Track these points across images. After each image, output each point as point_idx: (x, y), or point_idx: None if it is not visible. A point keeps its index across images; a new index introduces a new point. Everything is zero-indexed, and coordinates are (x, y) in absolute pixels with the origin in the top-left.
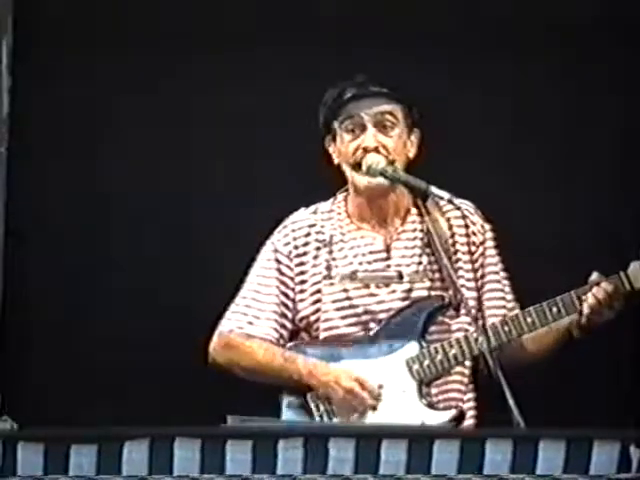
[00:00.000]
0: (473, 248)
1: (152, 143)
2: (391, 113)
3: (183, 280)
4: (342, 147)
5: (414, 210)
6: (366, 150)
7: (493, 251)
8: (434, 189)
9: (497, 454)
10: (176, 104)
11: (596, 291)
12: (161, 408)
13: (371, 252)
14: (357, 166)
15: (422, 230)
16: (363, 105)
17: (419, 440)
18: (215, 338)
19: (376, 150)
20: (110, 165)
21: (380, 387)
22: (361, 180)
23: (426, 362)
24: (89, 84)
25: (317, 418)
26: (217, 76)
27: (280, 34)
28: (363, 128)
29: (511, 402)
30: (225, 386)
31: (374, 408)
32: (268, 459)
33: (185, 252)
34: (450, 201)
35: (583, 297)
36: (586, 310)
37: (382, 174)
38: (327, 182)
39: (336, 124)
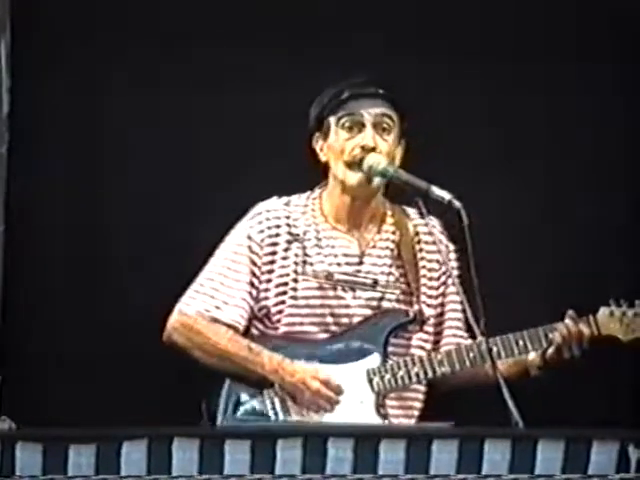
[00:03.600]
0: (437, 265)
1: (152, 142)
2: (390, 117)
3: (185, 277)
4: (336, 144)
5: (389, 220)
6: (364, 149)
7: (456, 272)
8: (435, 189)
9: (496, 454)
10: (176, 103)
11: (565, 333)
12: (160, 408)
13: (345, 255)
14: (353, 164)
15: (394, 241)
16: (364, 104)
17: (418, 440)
18: (176, 316)
19: (374, 151)
20: (110, 165)
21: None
22: (353, 178)
23: (387, 376)
24: (89, 84)
25: (271, 415)
26: (217, 73)
27: (277, 32)
28: (362, 127)
29: (510, 402)
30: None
31: (337, 402)
32: (267, 459)
33: (184, 250)
34: (450, 202)
35: (551, 334)
36: (551, 350)
37: (383, 174)
38: (300, 177)
39: (332, 120)
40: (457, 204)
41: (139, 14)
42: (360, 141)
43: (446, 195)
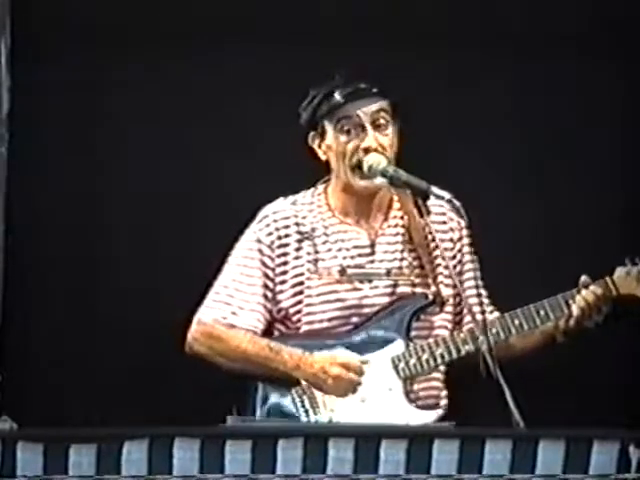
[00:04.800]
0: (450, 245)
1: (152, 142)
2: (385, 111)
3: (184, 277)
4: (337, 147)
5: (396, 205)
6: (367, 151)
7: (469, 248)
8: (434, 189)
9: (497, 454)
10: (176, 103)
11: (586, 294)
12: (161, 408)
13: (355, 247)
14: (357, 168)
15: (404, 226)
16: (358, 105)
17: (419, 440)
18: (195, 326)
19: (376, 151)
20: (110, 165)
21: (364, 362)
22: (359, 182)
23: (412, 360)
24: (89, 83)
25: (302, 414)
26: (217, 73)
27: (272, 31)
28: (361, 129)
29: (511, 402)
30: (226, 386)
31: (359, 383)
32: (268, 459)
33: (185, 250)
34: (450, 201)
35: (571, 300)
36: (576, 312)
37: (383, 174)
38: (300, 173)
39: (328, 124)
40: (457, 203)
41: (139, 14)
42: (360, 143)
43: (446, 194)
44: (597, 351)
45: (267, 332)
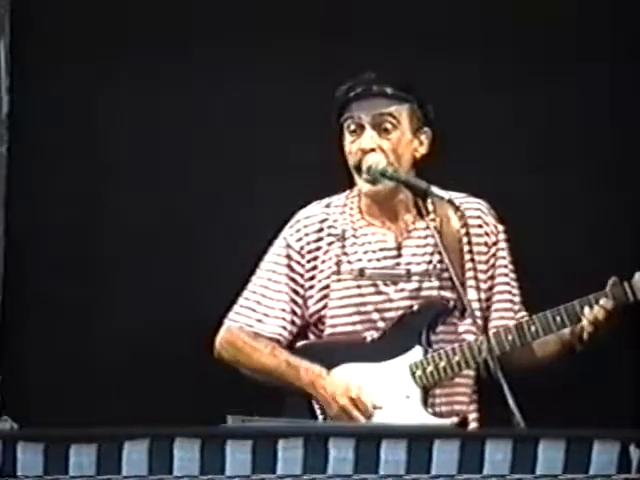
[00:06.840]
0: (485, 249)
1: (152, 143)
2: (391, 114)
3: (185, 278)
4: (346, 146)
5: (429, 207)
6: (364, 151)
7: (505, 252)
8: (434, 189)
9: (497, 454)
10: (177, 104)
11: (597, 311)
12: (161, 408)
13: (382, 249)
14: (357, 168)
15: (435, 228)
16: (363, 106)
17: (419, 440)
18: (222, 332)
19: (373, 152)
20: (110, 165)
21: (375, 407)
22: (361, 183)
23: (429, 368)
24: (89, 84)
25: (320, 419)
26: (218, 74)
27: (284, 31)
28: (362, 129)
29: (511, 402)
30: (226, 386)
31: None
32: (268, 459)
33: (188, 250)
34: (450, 202)
35: (586, 309)
36: (587, 327)
37: (382, 174)
38: (338, 175)
39: (342, 123)
40: (457, 203)
41: (139, 14)
42: (360, 144)
43: (445, 194)
44: (598, 350)
45: (302, 337)
